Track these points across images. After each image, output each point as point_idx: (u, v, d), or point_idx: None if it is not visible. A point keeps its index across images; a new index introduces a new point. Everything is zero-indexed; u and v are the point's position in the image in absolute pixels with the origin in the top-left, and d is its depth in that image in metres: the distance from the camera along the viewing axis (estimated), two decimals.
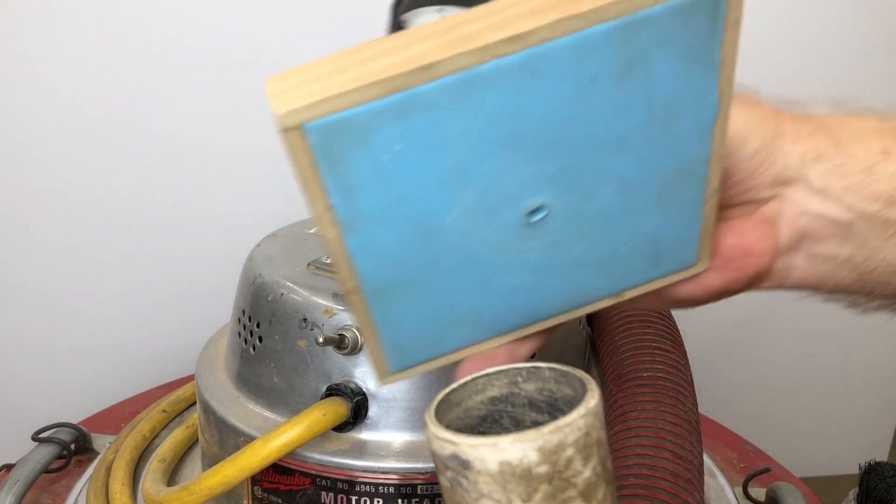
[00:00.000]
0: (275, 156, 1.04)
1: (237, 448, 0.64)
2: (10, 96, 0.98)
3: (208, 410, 0.67)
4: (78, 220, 1.03)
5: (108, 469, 0.73)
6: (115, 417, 0.90)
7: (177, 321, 1.08)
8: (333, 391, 0.62)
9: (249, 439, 0.63)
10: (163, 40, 0.99)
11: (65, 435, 0.80)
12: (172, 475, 0.73)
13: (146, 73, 0.99)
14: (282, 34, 1.00)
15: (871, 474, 0.85)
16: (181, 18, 0.99)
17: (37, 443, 0.80)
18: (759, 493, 0.80)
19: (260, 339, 0.66)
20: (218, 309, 0.96)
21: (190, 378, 0.91)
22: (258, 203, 1.06)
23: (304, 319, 0.64)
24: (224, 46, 1.00)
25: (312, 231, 0.77)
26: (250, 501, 0.64)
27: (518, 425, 0.35)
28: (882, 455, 0.93)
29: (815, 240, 0.39)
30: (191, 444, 0.77)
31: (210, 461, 0.68)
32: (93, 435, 0.83)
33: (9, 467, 0.79)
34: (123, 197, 1.04)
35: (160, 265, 1.07)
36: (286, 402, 0.65)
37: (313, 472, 0.61)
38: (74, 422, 0.89)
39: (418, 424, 0.62)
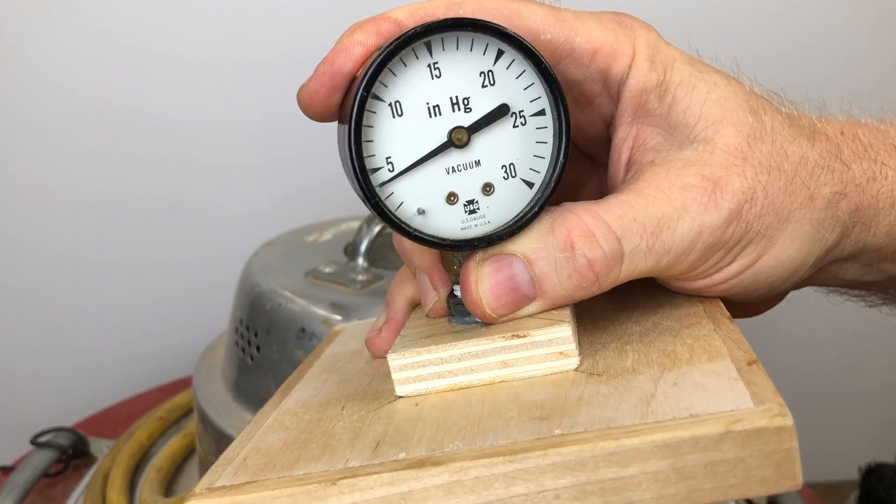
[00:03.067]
0: (273, 159, 1.04)
1: None
2: (8, 98, 0.96)
3: (206, 420, 0.67)
4: (75, 222, 1.03)
5: (105, 477, 0.72)
6: (112, 420, 0.90)
7: (173, 323, 1.08)
8: None
9: None
10: (162, 44, 0.98)
11: (63, 439, 0.80)
12: (170, 484, 0.73)
13: (144, 77, 0.98)
14: (283, 38, 0.99)
15: (871, 476, 0.84)
16: (181, 22, 0.97)
17: (35, 447, 0.79)
18: (759, 497, 0.79)
19: (258, 348, 0.66)
20: (214, 310, 0.95)
21: (187, 380, 0.90)
22: (256, 205, 1.05)
23: (303, 329, 0.63)
24: (224, 50, 0.99)
25: (311, 239, 0.76)
26: None
27: None
28: (890, 458, 0.93)
29: None
30: (188, 453, 0.77)
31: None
32: (90, 438, 0.82)
33: (5, 469, 0.79)
34: (121, 199, 1.03)
35: (157, 266, 1.06)
36: None
37: None
38: (71, 423, 0.89)
39: None
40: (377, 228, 0.69)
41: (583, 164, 0.39)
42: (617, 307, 0.36)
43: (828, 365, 1.17)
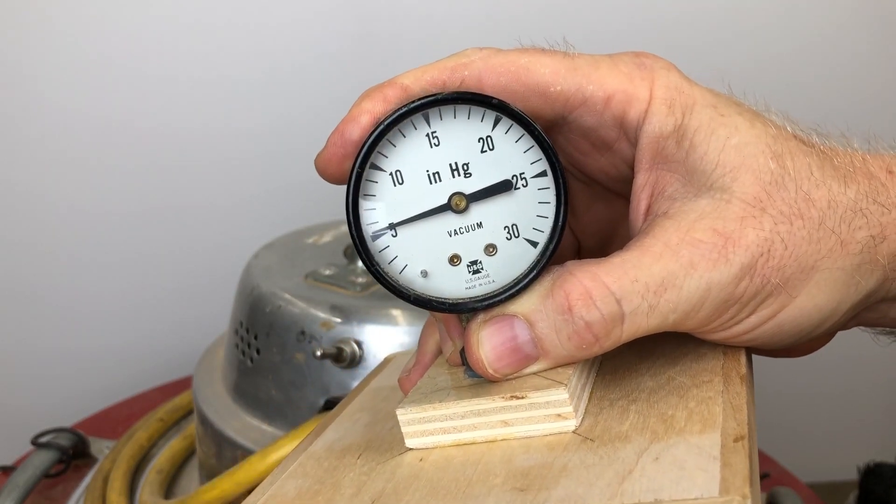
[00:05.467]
0: (274, 161, 1.04)
1: (235, 461, 0.64)
2: (7, 99, 0.96)
3: (206, 422, 0.67)
4: (75, 224, 1.03)
5: (106, 479, 0.72)
6: (113, 420, 0.90)
7: (173, 323, 1.08)
8: (331, 404, 0.61)
9: (247, 453, 0.63)
10: (161, 42, 0.98)
11: (64, 440, 0.80)
12: (170, 485, 0.73)
13: (144, 79, 0.98)
14: (283, 41, 0.99)
15: (871, 476, 0.84)
16: (180, 25, 0.97)
17: (36, 447, 0.79)
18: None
19: (258, 351, 0.66)
20: (215, 310, 0.95)
21: (187, 380, 0.90)
22: (256, 207, 1.05)
23: (302, 332, 0.63)
24: (223, 53, 0.99)
25: (310, 241, 0.76)
26: None
27: None
28: (890, 458, 0.93)
29: None
30: (188, 455, 0.77)
31: (207, 473, 0.68)
32: (90, 439, 0.83)
33: (6, 469, 0.79)
34: (120, 200, 1.03)
35: (157, 267, 1.06)
36: (284, 416, 0.64)
37: None
38: (71, 423, 0.89)
39: None
40: None
41: (616, 202, 0.38)
42: (642, 356, 0.36)
43: (828, 365, 1.17)
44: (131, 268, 1.05)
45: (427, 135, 0.31)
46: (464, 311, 0.32)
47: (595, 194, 0.38)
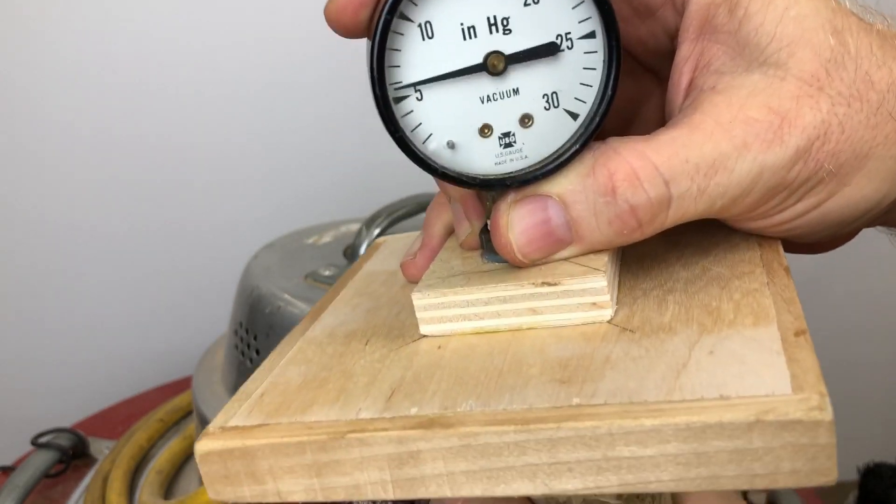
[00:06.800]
0: (273, 162, 1.04)
1: None
2: (8, 104, 0.96)
3: (205, 423, 0.67)
4: (75, 223, 1.03)
5: (105, 479, 0.72)
6: (112, 420, 0.90)
7: (173, 323, 1.08)
8: None
9: None
10: (160, 50, 0.98)
11: (64, 440, 0.80)
12: (170, 487, 0.73)
13: (144, 81, 0.98)
14: (281, 42, 0.99)
15: (870, 476, 0.84)
16: (179, 28, 0.97)
17: (35, 447, 0.79)
18: (759, 497, 0.79)
19: (257, 351, 0.66)
20: (215, 311, 0.96)
21: (187, 380, 0.90)
22: (255, 207, 1.05)
23: None
24: (222, 54, 0.99)
25: (310, 241, 0.76)
26: None
27: None
28: (890, 458, 0.93)
29: None
30: (188, 455, 0.77)
31: None
32: (90, 439, 0.83)
33: (6, 470, 0.79)
34: (120, 201, 1.03)
35: (157, 267, 1.06)
36: None
37: None
38: (71, 423, 0.89)
39: None
40: (377, 231, 0.69)
41: (644, 78, 0.36)
42: (668, 245, 0.33)
43: (827, 365, 1.18)
44: (131, 268, 1.05)
45: None
46: (496, 189, 0.29)
47: (624, 68, 0.37)
